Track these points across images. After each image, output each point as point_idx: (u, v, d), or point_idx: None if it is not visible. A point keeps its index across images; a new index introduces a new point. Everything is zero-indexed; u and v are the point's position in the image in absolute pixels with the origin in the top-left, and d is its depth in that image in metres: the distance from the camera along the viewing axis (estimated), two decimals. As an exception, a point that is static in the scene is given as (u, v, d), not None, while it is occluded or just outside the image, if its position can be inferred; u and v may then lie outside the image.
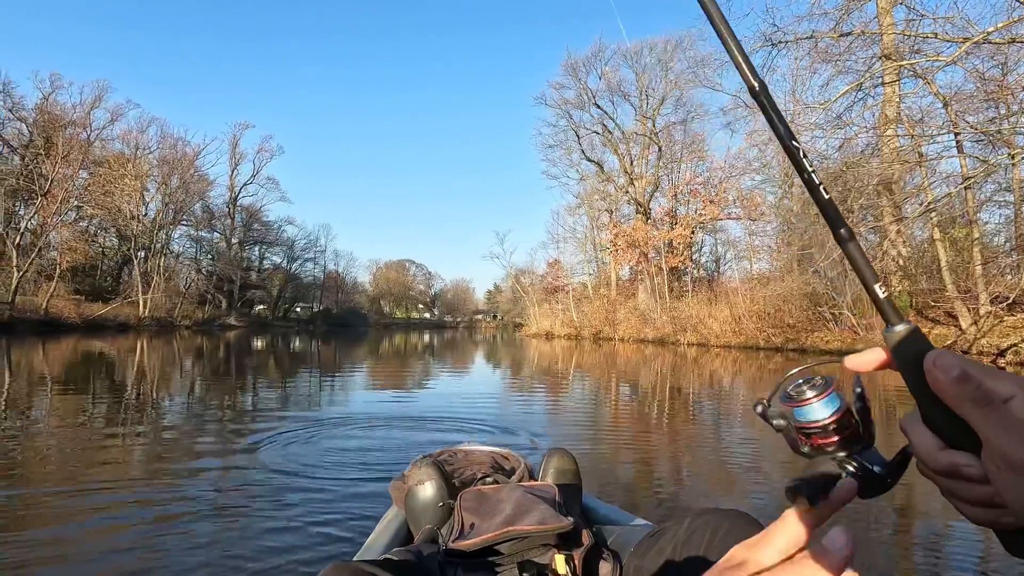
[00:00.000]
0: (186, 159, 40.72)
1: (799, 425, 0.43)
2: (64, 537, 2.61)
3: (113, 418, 5.89)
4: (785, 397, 0.44)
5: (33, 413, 6.13)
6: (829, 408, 0.41)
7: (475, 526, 1.29)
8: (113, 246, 38.59)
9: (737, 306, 20.45)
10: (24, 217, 29.64)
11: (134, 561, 2.34)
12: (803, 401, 0.42)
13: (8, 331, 22.54)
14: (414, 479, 1.53)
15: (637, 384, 10.02)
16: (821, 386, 0.42)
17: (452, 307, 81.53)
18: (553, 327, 34.03)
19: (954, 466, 0.35)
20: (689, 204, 31.72)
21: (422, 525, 1.46)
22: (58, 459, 4.16)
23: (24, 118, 32.73)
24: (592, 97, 33.94)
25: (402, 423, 5.58)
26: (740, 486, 3.61)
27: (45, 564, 2.33)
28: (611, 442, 5.04)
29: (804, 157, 0.41)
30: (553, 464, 1.68)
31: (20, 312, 24.74)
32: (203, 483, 3.55)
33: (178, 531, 2.68)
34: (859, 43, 10.31)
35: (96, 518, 2.87)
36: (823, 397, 0.42)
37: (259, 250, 51.96)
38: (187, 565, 2.30)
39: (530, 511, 1.27)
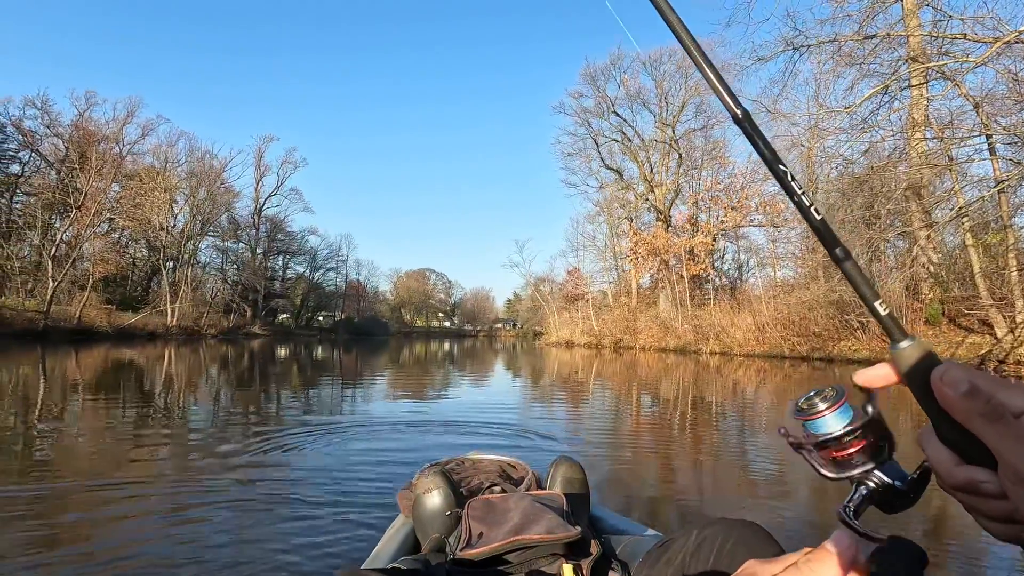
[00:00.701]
0: (213, 172, 41.80)
1: (813, 439, 0.42)
2: (91, 530, 2.75)
3: (141, 422, 6.04)
4: (797, 411, 0.43)
5: (67, 417, 6.30)
6: (843, 419, 0.41)
7: (483, 535, 1.28)
8: (143, 257, 39.66)
9: (761, 314, 20.08)
10: (59, 229, 30.67)
11: (140, 553, 2.44)
12: (816, 414, 0.42)
13: (43, 339, 23.26)
14: (421, 488, 1.53)
15: (657, 393, 9.87)
16: (832, 397, 0.42)
17: (472, 316, 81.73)
18: (573, 336, 33.84)
19: (971, 482, 0.34)
20: (710, 211, 31.38)
21: (429, 534, 1.45)
22: (89, 458, 4.32)
23: (61, 134, 34.02)
24: (611, 105, 33.95)
25: (419, 430, 5.58)
26: (759, 499, 3.51)
27: (75, 554, 2.45)
28: (629, 452, 4.96)
29: (792, 180, 0.42)
30: (561, 473, 1.66)
31: (55, 321, 25.55)
32: (218, 487, 3.58)
33: (188, 534, 2.71)
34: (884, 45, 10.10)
35: (118, 511, 3.01)
36: (836, 408, 0.41)
37: (283, 260, 52.91)
38: (191, 568, 2.32)
39: (538, 520, 1.26)
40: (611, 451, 5.01)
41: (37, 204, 31.53)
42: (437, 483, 1.52)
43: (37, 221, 30.93)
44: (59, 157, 33.65)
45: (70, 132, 33.95)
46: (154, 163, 38.55)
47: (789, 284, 22.43)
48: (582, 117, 35.23)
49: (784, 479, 4.02)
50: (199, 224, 40.25)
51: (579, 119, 35.38)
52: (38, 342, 22.19)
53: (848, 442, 0.41)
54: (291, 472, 3.94)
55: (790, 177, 0.42)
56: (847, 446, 0.41)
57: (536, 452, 4.60)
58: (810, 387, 0.43)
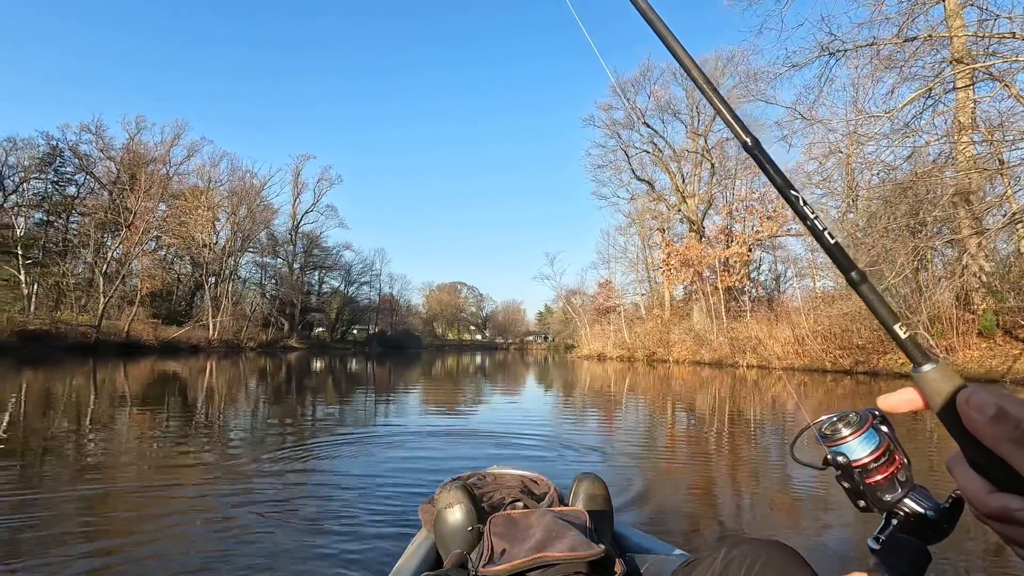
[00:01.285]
0: (253, 190, 43.34)
1: (840, 466, 0.41)
2: (137, 527, 2.93)
3: (185, 431, 6.28)
4: (820, 437, 0.42)
5: (116, 426, 6.58)
6: (869, 444, 0.40)
7: (505, 552, 1.26)
8: (187, 273, 41.25)
9: (800, 326, 19.46)
10: (111, 247, 32.22)
11: (165, 552, 2.51)
12: (840, 440, 0.41)
13: (94, 352, 24.35)
14: (443, 503, 1.52)
15: (692, 408, 9.65)
16: (856, 423, 0.41)
17: (503, 328, 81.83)
18: (605, 348, 33.47)
19: (1005, 511, 0.32)
20: (745, 221, 30.75)
21: (451, 549, 1.45)
22: (136, 463, 4.53)
23: (113, 157, 35.89)
24: (641, 116, 33.79)
25: (448, 442, 5.58)
26: (796, 521, 3.38)
27: (120, 548, 2.64)
28: (660, 468, 4.85)
29: (805, 204, 0.41)
30: (583, 489, 1.63)
31: (105, 335, 26.75)
32: (249, 496, 3.65)
33: (214, 539, 2.80)
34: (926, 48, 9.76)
35: (158, 511, 3.17)
36: (860, 434, 0.40)
37: (318, 275, 54.21)
38: (209, 573, 2.39)
39: (561, 537, 1.25)
40: (641, 467, 4.90)
41: (91, 224, 33.25)
42: (459, 498, 1.51)
43: (90, 240, 32.59)
44: (111, 179, 35.49)
45: (121, 155, 35.81)
46: (198, 183, 40.26)
47: (830, 295, 21.70)
48: (612, 129, 35.20)
49: (825, 501, 3.85)
50: (240, 240, 41.70)
51: (609, 131, 35.36)
52: (90, 355, 23.24)
53: (875, 469, 0.40)
54: (321, 483, 4.00)
55: (802, 202, 0.41)
56: (874, 473, 0.40)
57: (558, 467, 4.54)
58: (850, 403, 0.44)
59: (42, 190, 33.39)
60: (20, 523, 3.06)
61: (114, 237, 33.01)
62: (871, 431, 0.40)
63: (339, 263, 54.83)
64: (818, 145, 15.09)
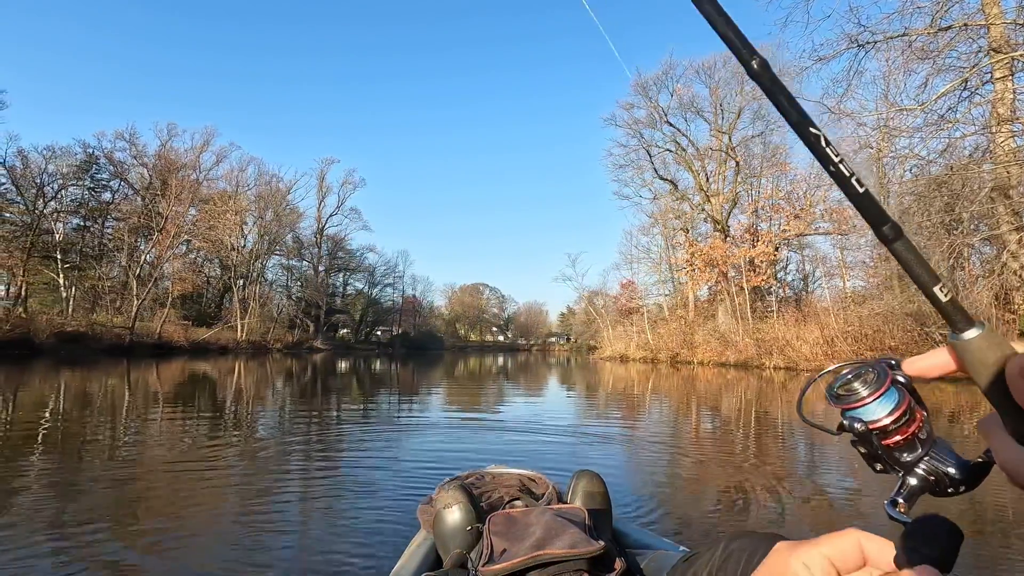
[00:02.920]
0: (279, 194, 44.16)
1: (856, 430, 0.37)
2: (167, 509, 3.06)
3: (215, 427, 6.45)
4: (833, 398, 0.38)
5: (150, 422, 6.76)
6: (889, 403, 0.36)
7: (504, 550, 1.26)
8: (216, 276, 42.21)
9: (829, 327, 18.98)
10: (143, 251, 33.19)
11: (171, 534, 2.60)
12: (857, 402, 0.36)
13: (129, 353, 25.10)
14: (442, 503, 1.52)
15: (718, 410, 9.47)
16: (875, 381, 0.36)
17: (525, 330, 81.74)
18: (628, 350, 33.16)
19: None
20: (771, 220, 30.14)
21: (451, 549, 1.44)
22: (168, 457, 4.66)
23: (146, 164, 36.99)
24: (664, 115, 33.40)
25: (468, 442, 5.58)
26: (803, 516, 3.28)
27: (150, 530, 2.73)
28: (676, 468, 4.76)
29: (827, 145, 0.35)
30: (582, 486, 1.63)
31: (138, 336, 27.53)
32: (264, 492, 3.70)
33: (221, 532, 2.87)
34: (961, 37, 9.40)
35: (182, 497, 3.22)
36: (879, 394, 0.36)
37: (343, 277, 54.94)
38: (208, 560, 2.46)
39: (560, 535, 1.25)
40: (656, 466, 4.82)
41: (124, 228, 34.30)
42: (457, 498, 1.51)
43: (124, 244, 33.63)
44: (144, 184, 36.57)
45: (154, 161, 36.88)
46: (226, 187, 41.18)
47: (860, 295, 21.13)
48: (634, 128, 34.84)
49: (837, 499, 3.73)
50: (266, 243, 42.53)
51: (631, 130, 35.01)
52: (124, 356, 23.96)
53: (895, 430, 0.36)
54: (337, 480, 4.05)
55: (824, 142, 0.35)
56: (894, 434, 0.36)
57: (556, 465, 4.49)
58: (818, 374, 0.39)
59: (79, 196, 34.57)
60: (62, 506, 3.27)
61: (147, 241, 33.99)
62: (892, 389, 0.36)
63: (363, 265, 55.52)
64: (847, 140, 14.69)
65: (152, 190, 35.19)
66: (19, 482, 3.94)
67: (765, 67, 0.36)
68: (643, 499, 3.61)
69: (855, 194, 0.35)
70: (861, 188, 0.35)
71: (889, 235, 0.34)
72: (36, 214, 29.79)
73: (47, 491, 3.71)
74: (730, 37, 0.37)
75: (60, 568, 2.46)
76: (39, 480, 4.03)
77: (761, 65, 0.36)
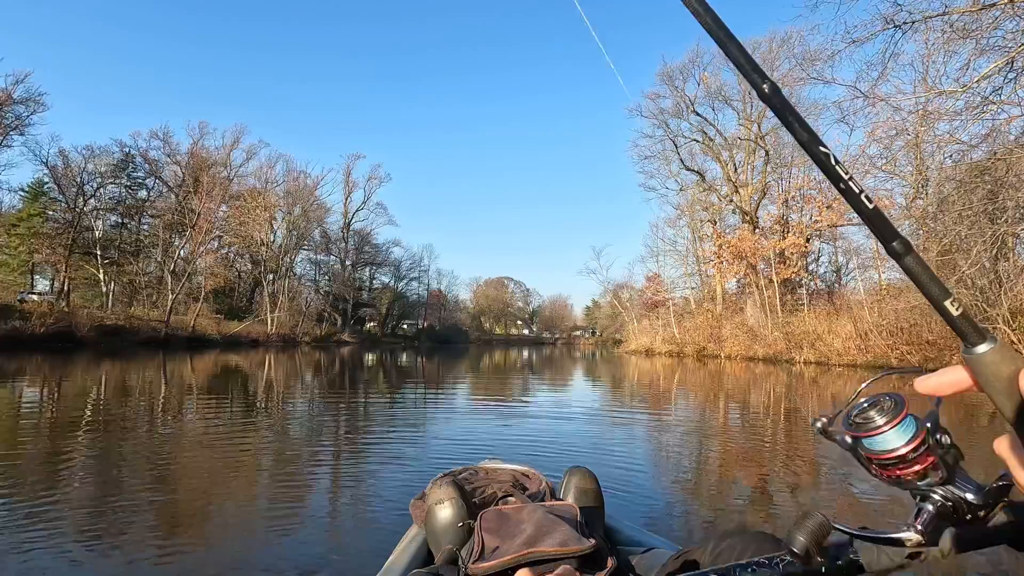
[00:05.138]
0: (307, 190, 44.90)
1: (871, 456, 0.36)
2: (202, 490, 3.14)
3: (246, 416, 6.63)
4: (849, 425, 0.37)
5: (185, 411, 7.00)
6: (905, 434, 0.35)
7: (496, 548, 1.26)
8: (247, 271, 43.23)
9: (863, 320, 18.40)
10: (177, 247, 34.18)
11: None
12: (873, 431, 0.35)
13: (164, 346, 25.95)
14: (433, 498, 1.51)
15: (746, 405, 9.28)
16: (892, 410, 0.36)
17: (550, 323, 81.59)
18: (653, 344, 32.79)
19: None
20: (802, 211, 29.30)
21: (442, 545, 1.44)
22: (201, 444, 4.79)
23: (179, 161, 38.03)
24: (690, 104, 32.72)
25: (486, 437, 5.58)
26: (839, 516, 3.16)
27: (185, 513, 2.83)
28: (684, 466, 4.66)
29: (837, 164, 0.36)
30: (574, 483, 1.63)
31: (173, 329, 28.42)
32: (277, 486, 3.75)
33: (233, 525, 2.90)
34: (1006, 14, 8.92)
35: (203, 481, 3.34)
36: (896, 423, 0.35)
37: (369, 271, 55.65)
38: (210, 552, 2.47)
39: (551, 532, 1.24)
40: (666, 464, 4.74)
41: (159, 225, 35.37)
42: (449, 494, 1.50)
43: (159, 240, 34.69)
44: (177, 182, 37.61)
45: (186, 159, 37.88)
46: (256, 184, 42.05)
47: (896, 288, 20.41)
48: (659, 119, 34.22)
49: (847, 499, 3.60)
50: (295, 239, 43.33)
51: (656, 120, 34.39)
52: (160, 348, 24.78)
53: (914, 459, 0.35)
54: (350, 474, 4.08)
55: (833, 160, 0.36)
56: (913, 463, 0.35)
57: (550, 461, 4.44)
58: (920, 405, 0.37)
59: (117, 194, 35.77)
60: (98, 493, 3.39)
61: (180, 237, 35.00)
62: (909, 418, 0.35)
63: (389, 259, 56.12)
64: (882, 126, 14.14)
65: (185, 187, 36.18)
66: (63, 468, 4.11)
67: (776, 91, 0.38)
68: (637, 496, 3.57)
69: (865, 210, 0.36)
70: (871, 205, 0.36)
71: (899, 250, 0.35)
72: (77, 212, 30.94)
73: (86, 478, 3.86)
74: (742, 62, 0.38)
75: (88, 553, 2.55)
76: (81, 467, 4.19)
77: (772, 89, 0.38)
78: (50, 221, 31.41)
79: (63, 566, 2.41)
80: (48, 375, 12.15)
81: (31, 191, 32.63)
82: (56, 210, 32.29)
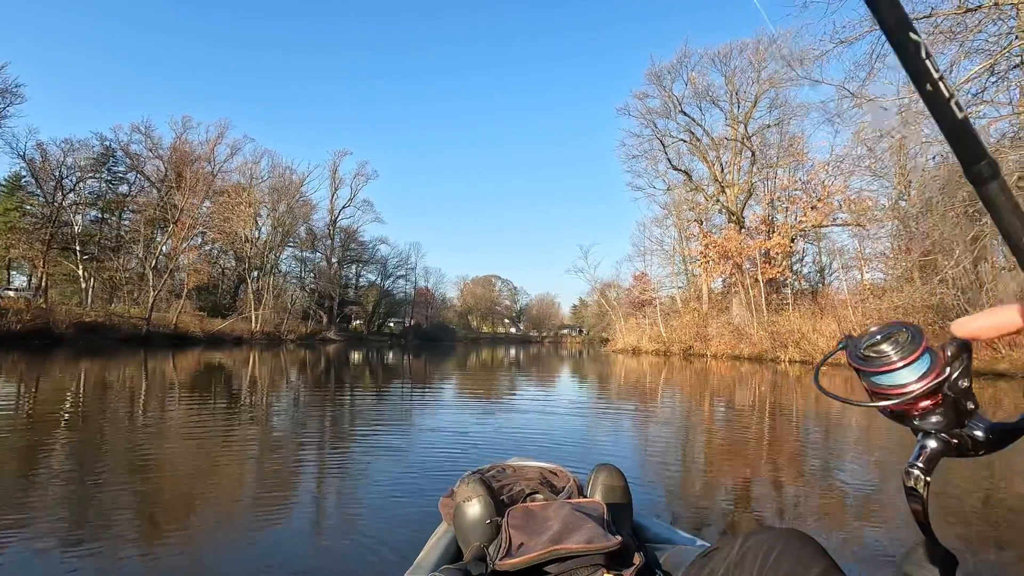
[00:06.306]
0: (292, 186, 44.35)
1: (877, 390, 0.33)
2: (183, 485, 3.00)
3: (230, 415, 6.45)
4: (859, 360, 0.34)
5: (166, 410, 6.81)
6: (919, 370, 0.32)
7: (522, 544, 1.28)
8: (231, 267, 42.63)
9: (847, 320, 18.65)
10: (159, 243, 33.59)
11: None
12: (885, 366, 0.32)
13: (146, 343, 25.47)
14: (462, 496, 1.54)
15: (732, 403, 9.33)
16: (907, 344, 0.32)
17: (537, 322, 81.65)
18: (640, 342, 32.96)
19: None
20: (788, 211, 29.62)
21: (471, 542, 1.46)
22: (183, 441, 4.65)
23: (161, 156, 37.35)
24: (678, 104, 32.88)
25: (479, 435, 5.53)
26: (839, 517, 3.17)
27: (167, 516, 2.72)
28: (696, 462, 4.66)
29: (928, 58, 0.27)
30: (601, 480, 1.64)
31: (155, 327, 27.91)
32: (280, 481, 3.67)
33: (243, 524, 2.83)
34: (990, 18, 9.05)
35: (194, 477, 3.23)
36: (911, 360, 0.31)
37: (355, 268, 55.20)
38: (229, 565, 2.41)
39: (577, 529, 1.26)
40: (672, 460, 4.73)
41: (141, 220, 34.73)
42: (477, 491, 1.53)
43: (140, 236, 34.06)
44: (159, 177, 36.95)
45: (169, 154, 37.22)
46: (240, 180, 41.41)
47: (879, 287, 20.73)
48: (647, 118, 34.35)
49: (870, 497, 3.62)
50: (280, 235, 42.81)
51: (644, 120, 34.52)
52: (141, 346, 24.31)
53: (924, 395, 0.32)
54: (351, 473, 3.99)
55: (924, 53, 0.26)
56: (922, 399, 0.32)
57: (577, 458, 4.43)
58: None
59: (97, 189, 35.06)
60: (79, 493, 3.25)
61: (162, 233, 34.39)
62: (927, 354, 0.31)
63: (375, 257, 55.70)
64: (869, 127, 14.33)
65: (167, 182, 35.57)
66: (37, 470, 3.97)
67: None
68: (664, 493, 3.57)
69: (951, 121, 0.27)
70: (960, 114, 0.27)
71: (985, 173, 0.28)
72: (55, 206, 30.25)
73: (63, 481, 3.73)
74: None
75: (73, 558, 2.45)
76: (56, 470, 4.05)
77: None
78: (27, 216, 30.67)
79: (41, 566, 2.32)
80: (25, 373, 11.84)
81: (8, 185, 31.85)
82: (34, 204, 31.55)
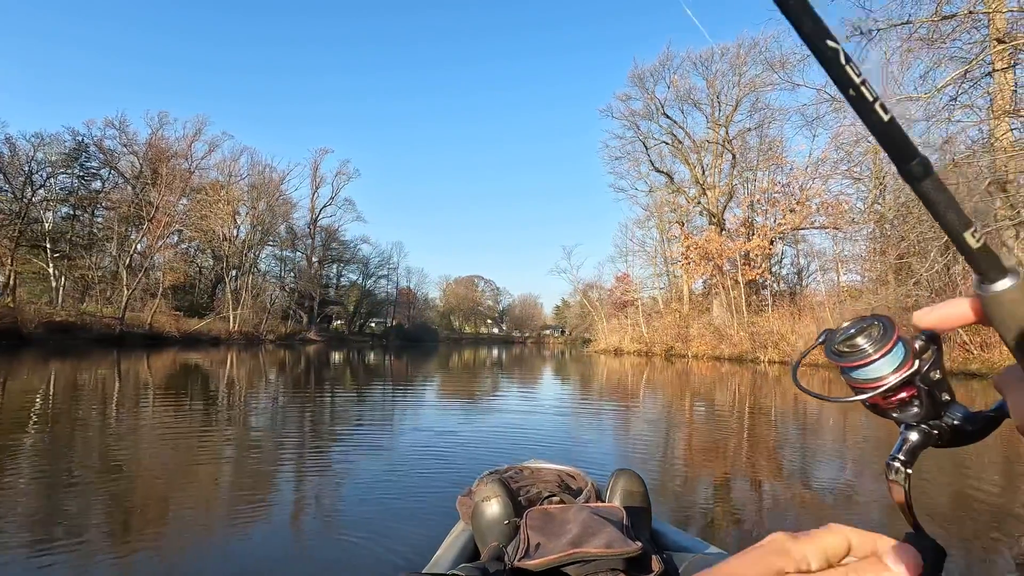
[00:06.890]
0: (272, 184, 43.70)
1: (856, 385, 0.33)
2: (159, 491, 2.91)
3: (206, 417, 6.30)
4: (834, 355, 0.34)
5: (139, 413, 6.60)
6: (894, 362, 0.32)
7: (541, 546, 1.27)
8: (208, 266, 41.82)
9: (824, 321, 18.99)
10: (134, 241, 32.78)
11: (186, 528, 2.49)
12: (861, 360, 0.32)
13: (119, 343, 24.83)
14: (480, 495, 1.53)
15: (713, 404, 9.41)
16: (880, 337, 0.33)
17: (520, 322, 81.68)
18: (622, 343, 33.16)
19: None
20: (767, 213, 30.08)
21: (488, 541, 1.46)
22: (158, 446, 4.47)
23: (136, 152, 36.46)
24: (660, 107, 33.20)
25: (470, 436, 5.47)
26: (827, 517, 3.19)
27: (140, 519, 2.61)
28: (685, 464, 4.67)
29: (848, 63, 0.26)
30: (620, 485, 1.62)
31: (129, 327, 27.23)
32: (280, 488, 3.57)
33: (247, 528, 2.75)
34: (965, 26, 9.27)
35: (179, 485, 3.14)
36: (886, 351, 0.32)
37: (337, 268, 54.59)
38: (241, 566, 2.33)
39: (597, 533, 1.25)
40: (668, 464, 4.73)
41: (115, 217, 33.85)
42: (496, 491, 1.51)
43: (114, 233, 33.20)
44: (134, 173, 36.08)
45: (144, 150, 36.35)
46: (219, 177, 40.69)
47: (856, 289, 21.16)
48: (630, 120, 34.63)
49: (852, 496, 3.66)
50: (259, 234, 42.12)
51: (627, 122, 34.79)
52: (115, 346, 23.69)
53: (899, 388, 0.33)
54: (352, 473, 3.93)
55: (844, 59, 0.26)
56: (900, 391, 0.33)
57: (595, 462, 4.42)
58: None
59: (68, 185, 34.07)
60: (49, 499, 3.13)
61: (137, 231, 33.57)
62: (899, 344, 0.32)
63: (357, 256, 55.12)
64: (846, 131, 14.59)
65: (143, 179, 34.74)
66: (2, 474, 3.81)
67: None
68: (682, 499, 3.58)
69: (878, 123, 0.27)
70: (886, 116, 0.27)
71: (917, 172, 0.28)
72: (24, 202, 29.34)
73: (33, 484, 3.58)
74: None
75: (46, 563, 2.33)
76: (26, 473, 3.89)
77: None
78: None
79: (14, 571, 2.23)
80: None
81: (-27, 180, 30.75)
82: (2, 200, 30.55)
